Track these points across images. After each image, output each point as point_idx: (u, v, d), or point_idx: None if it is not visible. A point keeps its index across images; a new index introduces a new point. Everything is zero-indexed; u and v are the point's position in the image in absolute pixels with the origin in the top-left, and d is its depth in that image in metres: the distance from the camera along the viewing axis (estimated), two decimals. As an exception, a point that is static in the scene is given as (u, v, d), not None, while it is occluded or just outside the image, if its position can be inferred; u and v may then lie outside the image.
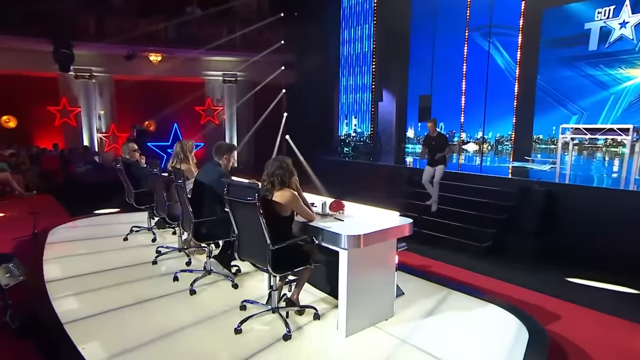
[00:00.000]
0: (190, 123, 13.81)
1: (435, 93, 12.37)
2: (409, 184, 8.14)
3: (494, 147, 12.56)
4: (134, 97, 13.10)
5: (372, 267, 3.30)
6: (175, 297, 3.86)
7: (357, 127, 12.96)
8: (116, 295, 3.84)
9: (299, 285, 3.53)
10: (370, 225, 3.33)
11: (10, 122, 12.39)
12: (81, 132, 12.65)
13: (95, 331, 3.20)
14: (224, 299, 3.79)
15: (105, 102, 13.01)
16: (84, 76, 12.45)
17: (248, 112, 14.17)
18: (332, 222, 3.42)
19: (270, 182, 3.26)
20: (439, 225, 6.66)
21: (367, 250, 3.22)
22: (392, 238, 3.40)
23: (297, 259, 3.26)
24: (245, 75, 13.90)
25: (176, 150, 4.76)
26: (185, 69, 13.13)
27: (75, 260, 4.82)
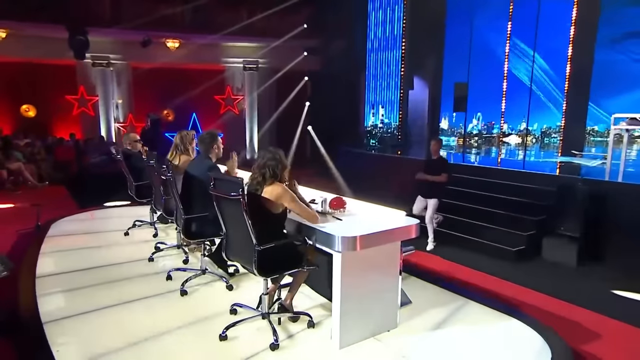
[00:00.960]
0: (209, 112, 13.96)
1: (473, 80, 11.87)
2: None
3: (539, 139, 11.97)
4: (152, 85, 13.36)
5: (371, 272, 3.13)
6: (165, 297, 3.81)
7: (384, 118, 12.67)
8: (104, 293, 3.84)
9: (292, 289, 3.41)
10: (370, 225, 3.15)
11: (29, 112, 12.92)
12: (98, 121, 13.04)
13: (74, 332, 3.19)
14: (215, 301, 3.72)
15: (123, 90, 13.34)
16: (102, 64, 12.78)
17: (270, 101, 14.16)
18: (329, 221, 3.28)
19: (261, 174, 3.14)
20: (467, 226, 6.37)
21: (365, 254, 3.05)
22: (396, 240, 3.21)
23: (288, 261, 3.13)
24: (266, 61, 13.87)
25: (176, 141, 4.73)
26: (204, 56, 13.24)
27: (71, 255, 4.89)
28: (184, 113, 13.82)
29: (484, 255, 5.75)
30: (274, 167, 3.14)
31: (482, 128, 12.79)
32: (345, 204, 3.57)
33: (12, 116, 12.69)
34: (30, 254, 4.79)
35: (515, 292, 4.47)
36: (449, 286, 4.20)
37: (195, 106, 13.79)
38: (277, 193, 3.09)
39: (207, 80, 13.32)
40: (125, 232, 5.64)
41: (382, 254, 3.17)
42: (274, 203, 3.09)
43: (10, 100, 12.53)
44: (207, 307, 3.64)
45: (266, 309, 3.30)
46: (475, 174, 7.48)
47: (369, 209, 3.64)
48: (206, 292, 3.94)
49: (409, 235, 3.24)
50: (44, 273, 4.30)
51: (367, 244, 3.02)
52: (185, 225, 3.89)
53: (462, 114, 12.10)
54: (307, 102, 12.91)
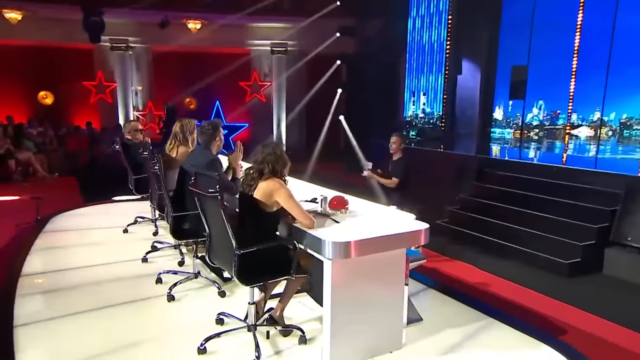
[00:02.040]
0: (233, 100, 14.10)
1: (535, 62, 11.30)
2: (481, 179, 7.53)
3: (617, 132, 11.22)
4: (172, 71, 13.66)
5: (370, 283, 2.99)
6: (150, 302, 3.84)
7: (426, 107, 12.33)
8: (86, 296, 3.92)
9: (283, 299, 3.33)
10: (370, 229, 3.02)
11: (47, 99, 13.56)
12: (117, 109, 13.49)
13: (45, 337, 3.27)
14: (204, 309, 3.70)
15: (143, 76, 13.72)
16: (120, 47, 13.20)
17: (299, 88, 14.14)
18: (324, 223, 3.17)
19: (258, 170, 3.08)
20: (511, 232, 6.05)
21: (361, 262, 2.92)
22: (400, 247, 3.06)
23: (274, 267, 3.05)
24: (296, 44, 13.84)
25: (175, 129, 4.73)
26: (228, 38, 13.37)
27: (62, 252, 5.04)
28: (206, 101, 14.05)
29: (529, 267, 5.44)
30: (273, 163, 3.08)
31: (544, 118, 12.16)
32: (347, 204, 3.45)
33: (29, 103, 13.38)
34: (21, 251, 4.98)
35: (561, 312, 4.15)
36: (473, 302, 3.98)
37: (219, 93, 13.98)
38: (270, 188, 3.02)
39: (232, 64, 13.45)
40: (124, 229, 5.77)
41: (384, 263, 3.03)
42: (267, 198, 3.03)
43: (27, 86, 13.15)
44: (194, 315, 3.63)
45: (252, 321, 3.23)
46: (528, 172, 7.10)
47: (375, 210, 3.50)
48: (196, 299, 3.93)
49: (417, 242, 3.08)
50: (30, 271, 4.45)
51: (363, 250, 2.89)
52: (174, 223, 3.89)
53: (520, 102, 11.56)
54: (339, 89, 12.76)
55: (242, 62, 13.82)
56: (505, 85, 11.71)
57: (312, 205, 3.54)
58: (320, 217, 3.31)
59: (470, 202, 7.15)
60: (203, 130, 4.09)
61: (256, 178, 3.08)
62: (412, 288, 4.27)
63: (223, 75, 13.28)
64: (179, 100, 13.85)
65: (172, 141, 4.71)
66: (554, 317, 4.03)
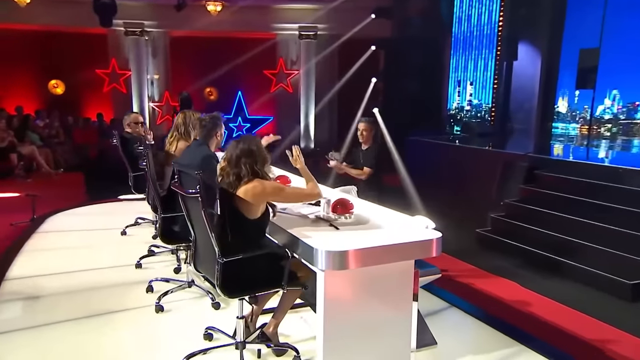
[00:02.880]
0: (257, 90, 14.21)
1: (608, 45, 10.84)
2: (531, 181, 7.29)
3: None
4: (191, 58, 13.90)
5: (371, 299, 2.92)
6: (137, 313, 3.90)
7: (473, 98, 12.05)
8: (70, 304, 4.03)
9: (277, 314, 3.30)
10: (373, 237, 2.95)
11: (58, 88, 14.10)
12: (131, 100, 13.86)
13: (13, 350, 3.36)
14: (194, 321, 3.72)
15: (159, 64, 14.03)
16: (135, 32, 13.55)
17: (330, 77, 14.13)
18: (322, 229, 3.13)
19: (234, 174, 2.99)
20: (563, 245, 5.79)
21: (360, 274, 2.85)
22: (407, 258, 2.97)
23: (264, 278, 3.02)
24: (326, 27, 13.82)
25: (177, 121, 4.78)
26: (252, 21, 13.48)
27: (53, 255, 5.22)
28: (227, 91, 14.24)
29: (584, 287, 5.16)
30: (251, 165, 3.00)
31: (619, 111, 11.64)
32: (352, 208, 3.39)
33: (39, 93, 13.94)
34: (10, 253, 5.18)
35: (620, 343, 3.89)
36: (505, 325, 3.84)
37: (241, 83, 14.14)
38: (254, 192, 2.98)
39: (255, 51, 13.57)
40: (122, 231, 5.90)
41: (387, 276, 2.94)
42: (250, 205, 2.99)
43: (37, 74, 13.72)
44: (182, 329, 3.65)
45: (241, 337, 3.23)
46: (590, 175, 6.79)
47: (383, 216, 3.42)
48: (187, 310, 3.96)
49: (427, 253, 2.98)
50: (16, 275, 4.62)
51: (363, 261, 2.81)
52: (163, 225, 3.94)
53: (589, 92, 11.13)
54: (374, 78, 12.65)
55: (267, 48, 13.91)
56: (571, 73, 11.26)
57: (315, 209, 3.51)
58: (320, 222, 3.28)
59: (516, 208, 6.91)
60: (202, 123, 4.11)
61: (234, 183, 3.01)
62: (432, 306, 4.18)
63: (246, 63, 13.42)
64: (198, 90, 14.11)
65: (173, 134, 4.76)
66: (610, 348, 3.79)
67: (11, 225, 6.33)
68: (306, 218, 3.36)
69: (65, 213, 6.91)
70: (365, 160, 5.24)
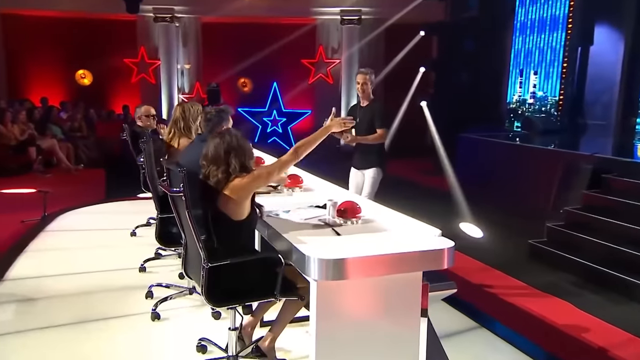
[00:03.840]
0: (294, 81, 14.31)
1: None
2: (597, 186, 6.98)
3: None
4: (224, 46, 14.16)
5: (371, 314, 2.86)
6: (131, 320, 4.00)
7: (537, 90, 11.66)
8: (65, 308, 4.18)
9: (275, 327, 3.28)
10: (375, 244, 2.90)
11: (85, 79, 14.68)
12: (159, 91, 14.24)
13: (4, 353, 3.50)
14: (191, 331, 3.75)
15: (190, 52, 14.38)
16: (165, 18, 13.92)
17: (375, 66, 13.91)
18: (321, 234, 3.10)
19: (223, 171, 3.00)
20: (637, 263, 5.48)
21: (358, 286, 2.80)
22: (413, 270, 2.90)
23: (255, 286, 3.03)
24: (371, 11, 13.74)
25: (175, 114, 4.82)
26: (289, 5, 13.60)
27: (57, 256, 5.43)
28: (262, 82, 14.40)
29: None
30: (241, 159, 3.02)
31: None
32: (359, 212, 3.35)
33: (66, 83, 14.55)
34: (13, 251, 5.44)
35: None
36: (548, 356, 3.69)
37: (277, 73, 14.26)
38: (241, 184, 2.97)
39: (293, 38, 13.68)
40: (132, 232, 6.07)
41: (391, 289, 2.88)
42: (235, 205, 2.99)
43: (64, 63, 14.32)
44: (176, 339, 3.71)
45: (233, 351, 3.24)
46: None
47: (395, 221, 3.36)
48: (184, 319, 4.01)
49: (437, 265, 2.89)
50: (15, 276, 4.84)
51: (360, 271, 2.76)
52: (160, 226, 4.02)
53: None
54: (422, 68, 12.49)
55: (306, 35, 14.02)
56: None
57: (320, 212, 3.49)
58: (322, 227, 3.25)
59: (578, 217, 6.61)
60: (207, 117, 4.15)
61: (222, 180, 2.99)
62: (457, 325, 4.08)
63: (282, 51, 13.58)
64: (231, 81, 14.36)
65: (171, 129, 4.81)
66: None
67: (22, 223, 6.61)
68: (308, 223, 3.34)
69: (77, 211, 7.17)
70: (371, 119, 5.19)
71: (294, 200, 3.96)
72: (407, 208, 7.51)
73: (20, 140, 9.93)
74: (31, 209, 7.05)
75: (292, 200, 3.93)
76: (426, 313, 3.02)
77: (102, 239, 5.95)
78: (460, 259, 5.71)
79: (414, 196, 9.21)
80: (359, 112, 5.32)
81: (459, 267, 5.43)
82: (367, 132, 5.21)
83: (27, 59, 14.12)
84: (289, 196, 4.14)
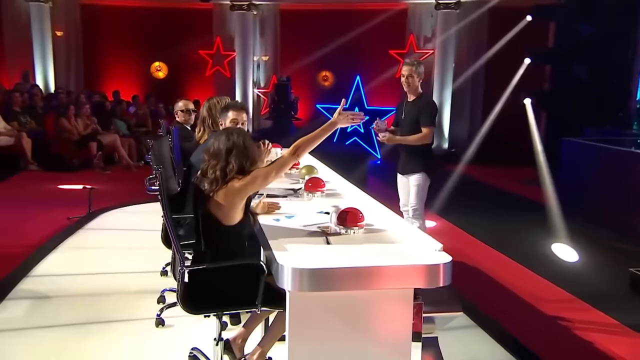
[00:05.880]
0: (380, 75, 14.30)
1: None
2: None
3: None
4: (304, 36, 14.45)
5: (352, 334, 2.87)
6: (134, 325, 4.28)
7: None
8: (75, 308, 4.54)
9: (265, 341, 3.35)
10: (361, 255, 2.93)
11: (160, 71, 15.59)
12: (234, 85, 14.79)
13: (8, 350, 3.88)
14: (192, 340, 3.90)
15: (267, 44, 14.82)
16: (242, 6, 14.45)
17: (475, 57, 13.77)
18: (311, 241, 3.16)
19: (220, 169, 3.12)
20: None
21: (337, 301, 2.82)
22: (403, 286, 2.89)
23: (235, 295, 3.13)
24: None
25: (202, 113, 5.03)
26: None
27: (86, 255, 5.90)
28: (344, 75, 14.53)
29: None
30: (241, 162, 3.14)
31: None
32: (361, 220, 3.37)
33: (141, 76, 15.52)
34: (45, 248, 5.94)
35: None
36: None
37: (361, 66, 14.32)
38: (235, 189, 3.09)
39: (381, 26, 13.70)
40: (164, 233, 6.45)
41: (376, 306, 2.88)
42: (225, 209, 3.13)
43: (141, 55, 15.28)
44: (171, 348, 3.92)
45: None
46: None
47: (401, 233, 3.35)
48: (188, 327, 4.19)
49: (431, 282, 2.84)
50: (39, 273, 5.32)
51: (339, 284, 2.78)
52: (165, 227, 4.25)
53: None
54: (527, 59, 12.07)
55: (395, 23, 14.00)
56: None
57: (324, 219, 3.55)
58: (316, 235, 3.29)
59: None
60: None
61: (217, 181, 3.11)
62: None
63: (368, 41, 13.66)
64: (311, 74, 14.63)
65: (200, 127, 5.06)
66: None
67: (68, 220, 7.20)
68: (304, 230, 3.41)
69: (123, 209, 7.68)
70: (415, 115, 5.19)
71: (309, 205, 4.03)
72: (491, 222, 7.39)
73: (83, 135, 10.73)
74: (81, 205, 7.66)
75: (307, 206, 4.01)
76: (419, 337, 3.00)
77: (135, 239, 6.34)
78: (537, 285, 5.62)
79: (503, 208, 9.00)
80: (404, 108, 5.37)
81: (530, 293, 5.35)
82: (411, 130, 5.20)
83: (105, 50, 15.22)
84: (308, 201, 4.21)
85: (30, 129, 10.81)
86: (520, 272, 6.04)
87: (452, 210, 8.32)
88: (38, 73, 13.95)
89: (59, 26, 14.54)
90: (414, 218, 5.43)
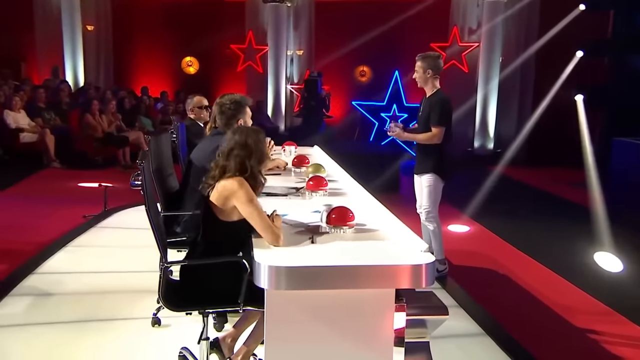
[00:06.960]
0: (420, 70, 14.29)
1: None
2: None
3: None
4: (341, 30, 14.52)
5: (332, 335, 2.95)
6: (131, 324, 4.46)
7: None
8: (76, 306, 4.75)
9: (249, 341, 3.44)
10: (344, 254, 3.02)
11: (191, 67, 15.94)
12: (266, 81, 14.99)
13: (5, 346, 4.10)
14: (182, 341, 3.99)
15: (301, 37, 14.96)
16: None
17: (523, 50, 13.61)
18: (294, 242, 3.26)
19: (221, 167, 3.29)
20: None
21: (316, 300, 2.91)
22: (384, 286, 2.96)
23: (217, 293, 3.26)
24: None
25: (214, 112, 5.19)
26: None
27: (94, 253, 6.15)
28: (382, 71, 14.56)
29: None
30: (242, 158, 3.27)
31: None
32: (350, 220, 3.45)
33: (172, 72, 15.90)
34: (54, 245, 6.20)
35: None
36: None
37: (400, 60, 14.29)
38: (228, 190, 3.19)
39: (421, 18, 13.68)
40: (175, 231, 6.67)
41: (355, 308, 2.95)
42: (222, 203, 3.25)
43: (172, 50, 15.66)
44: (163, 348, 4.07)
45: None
46: None
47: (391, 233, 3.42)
48: (184, 327, 4.29)
49: (412, 282, 2.90)
50: (45, 270, 5.56)
51: (317, 283, 2.87)
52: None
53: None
54: (579, 51, 11.87)
55: (437, 13, 13.95)
56: None
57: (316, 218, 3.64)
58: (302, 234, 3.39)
59: None
60: (221, 109, 4.51)
61: (216, 177, 3.27)
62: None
63: (408, 34, 13.65)
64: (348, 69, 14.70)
65: (211, 127, 5.23)
66: None
67: (83, 218, 7.49)
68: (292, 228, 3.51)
69: (138, 208, 7.82)
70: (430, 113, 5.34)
71: (308, 204, 4.12)
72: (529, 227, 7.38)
73: (107, 132, 11.09)
74: (99, 204, 7.95)
75: (305, 205, 4.11)
76: (402, 342, 3.05)
77: (145, 238, 6.50)
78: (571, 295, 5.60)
79: (544, 213, 8.91)
80: (422, 104, 5.53)
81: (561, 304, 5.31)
82: (424, 128, 5.31)
83: (135, 45, 15.67)
84: (309, 200, 4.32)
85: (54, 126, 11.19)
86: (555, 281, 6.00)
87: (489, 214, 8.30)
88: (68, 69, 14.43)
89: (89, 20, 15.01)
90: (427, 221, 5.49)
